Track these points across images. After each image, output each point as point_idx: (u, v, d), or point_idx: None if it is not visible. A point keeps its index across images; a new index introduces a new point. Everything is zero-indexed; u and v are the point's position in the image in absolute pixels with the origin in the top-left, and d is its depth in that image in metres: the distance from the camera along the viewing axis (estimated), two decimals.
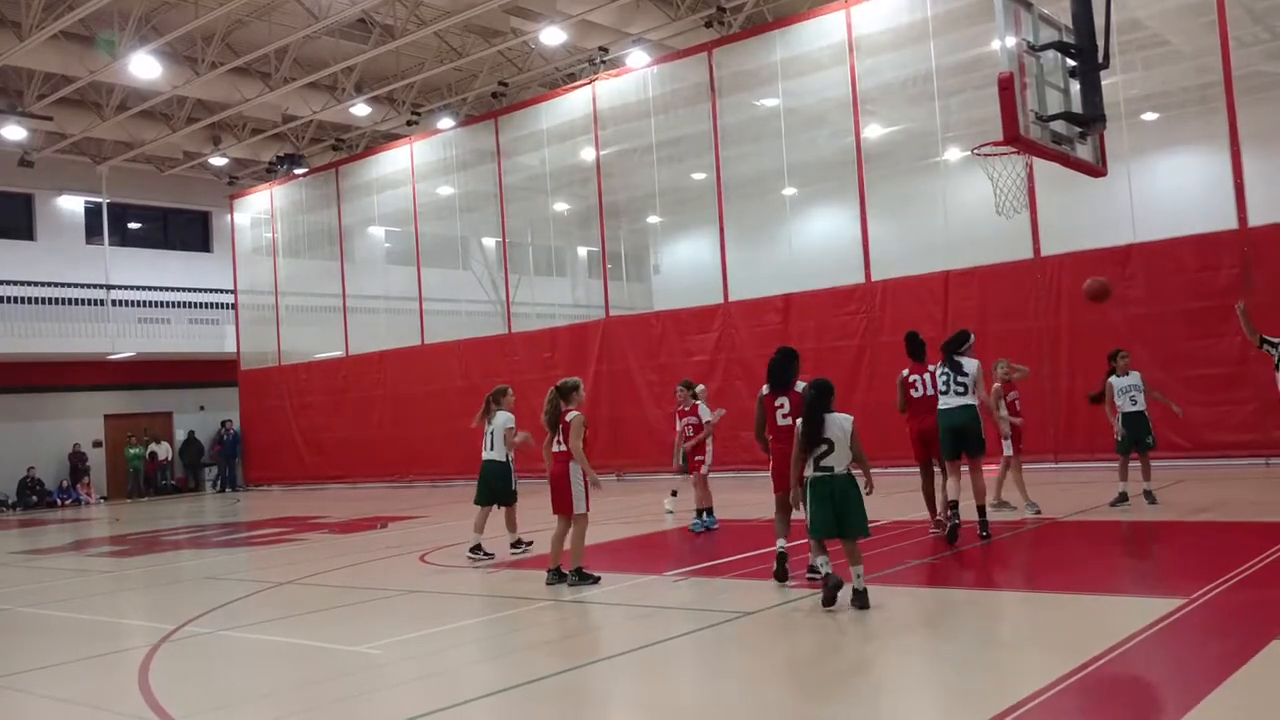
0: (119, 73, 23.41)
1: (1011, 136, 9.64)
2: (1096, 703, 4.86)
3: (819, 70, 19.93)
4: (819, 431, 7.19)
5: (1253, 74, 20.90)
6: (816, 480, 7.21)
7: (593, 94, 22.72)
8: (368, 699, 5.96)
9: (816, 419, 7.21)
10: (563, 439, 8.88)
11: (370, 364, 27.42)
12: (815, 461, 7.20)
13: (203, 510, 24.54)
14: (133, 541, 17.16)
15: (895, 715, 5.11)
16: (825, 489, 7.17)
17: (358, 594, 9.61)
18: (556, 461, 8.91)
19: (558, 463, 8.90)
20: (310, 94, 26.61)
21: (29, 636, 8.93)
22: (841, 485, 7.16)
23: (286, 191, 29.88)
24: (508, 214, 25.18)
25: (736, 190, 22.84)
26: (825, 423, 7.20)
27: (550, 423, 8.97)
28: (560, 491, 8.87)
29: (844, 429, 7.19)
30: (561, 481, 8.86)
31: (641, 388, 22.05)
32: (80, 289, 29.75)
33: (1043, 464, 16.00)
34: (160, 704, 5.94)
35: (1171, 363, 15.87)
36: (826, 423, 7.20)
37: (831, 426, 7.19)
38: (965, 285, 17.93)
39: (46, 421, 30.05)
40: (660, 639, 6.78)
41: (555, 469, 8.91)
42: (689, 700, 5.63)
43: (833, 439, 7.15)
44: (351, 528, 16.45)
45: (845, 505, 7.14)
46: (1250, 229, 15.45)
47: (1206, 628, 6.15)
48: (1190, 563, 8.39)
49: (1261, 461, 15.11)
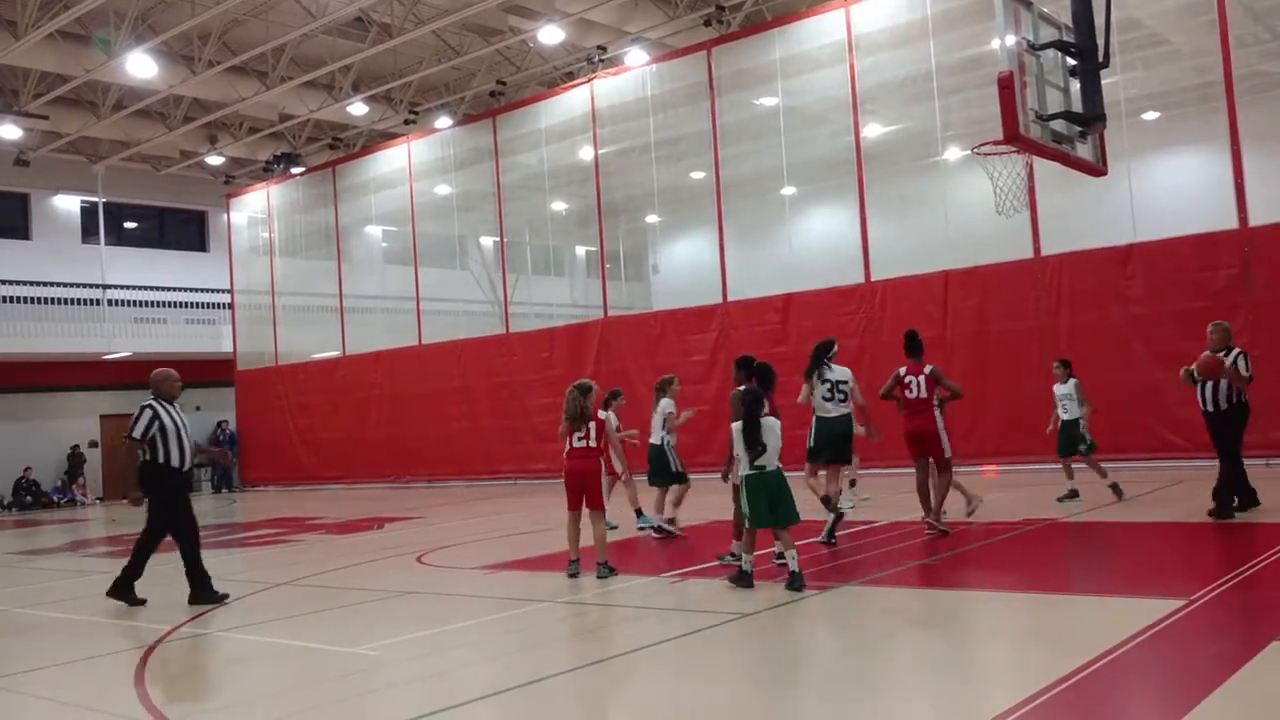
0: (115, 72, 23.36)
1: (1011, 136, 9.61)
2: (1095, 704, 4.82)
3: (818, 69, 19.91)
4: (757, 434, 7.92)
5: (1253, 73, 20.88)
6: (752, 478, 7.94)
7: (591, 93, 22.68)
8: (365, 701, 5.92)
9: (754, 423, 7.95)
10: (593, 437, 9.24)
11: (367, 364, 27.37)
12: (751, 461, 7.90)
13: (199, 511, 24.43)
14: (129, 542, 17.09)
15: (893, 716, 5.07)
16: (760, 485, 7.92)
17: (355, 595, 9.57)
18: (584, 458, 9.22)
19: (585, 459, 9.22)
20: (307, 93, 26.55)
21: (25, 637, 8.88)
22: (774, 480, 7.94)
23: (283, 191, 29.83)
24: (506, 213, 25.13)
25: (735, 190, 22.80)
26: (761, 427, 7.95)
27: (574, 419, 9.24)
28: (592, 487, 9.26)
29: (775, 433, 8.02)
30: (593, 478, 9.29)
31: (640, 388, 21.92)
32: (76, 289, 29.69)
33: (1042, 465, 15.97)
34: (156, 706, 5.89)
35: (1171, 362, 15.75)
36: (762, 427, 7.96)
37: (766, 431, 7.95)
38: (965, 285, 17.91)
39: (42, 421, 29.99)
40: (659, 640, 6.74)
41: (583, 465, 9.24)
42: (688, 701, 5.58)
43: (766, 442, 7.91)
44: (348, 528, 16.41)
45: (779, 498, 7.93)
46: (1250, 228, 15.43)
47: (1206, 629, 6.11)
48: (1189, 564, 8.36)
49: (1262, 462, 15.07)
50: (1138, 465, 15.76)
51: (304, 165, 29.61)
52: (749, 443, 7.92)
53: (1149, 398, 15.87)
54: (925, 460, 10.45)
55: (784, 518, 7.97)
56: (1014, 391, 16.94)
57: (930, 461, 10.44)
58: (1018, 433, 16.37)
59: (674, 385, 12.34)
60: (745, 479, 7.98)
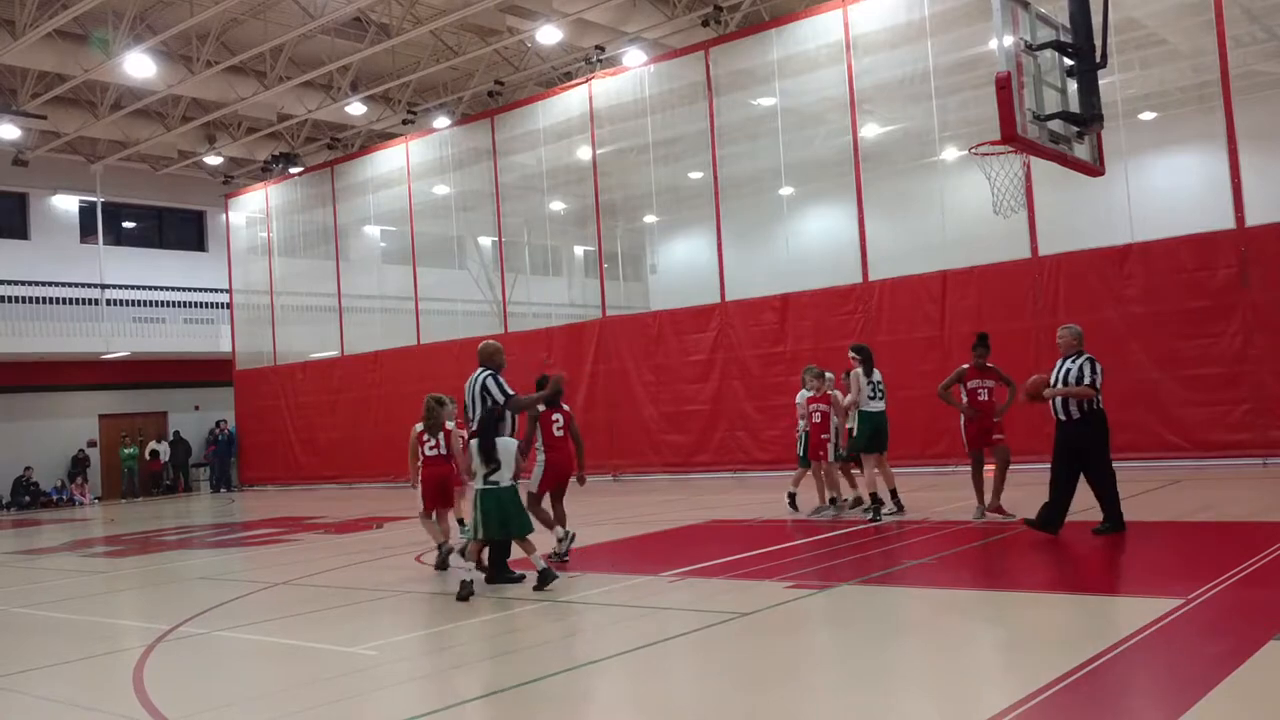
0: (113, 71, 23.37)
1: (1009, 136, 9.63)
2: (1093, 703, 4.84)
3: (816, 69, 19.90)
4: (493, 451, 8.53)
5: (1250, 73, 20.92)
6: (485, 492, 8.51)
7: (589, 93, 22.68)
8: (363, 700, 5.93)
9: (489, 442, 8.57)
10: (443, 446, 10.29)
11: (366, 364, 27.37)
12: (485, 477, 8.48)
13: (198, 510, 24.48)
14: (128, 541, 17.12)
15: (892, 714, 5.08)
16: (494, 500, 8.50)
17: (353, 594, 9.58)
18: (440, 464, 10.27)
19: (441, 465, 10.28)
20: (305, 93, 26.56)
21: (23, 637, 8.88)
22: (508, 495, 8.57)
23: (282, 191, 29.82)
24: (504, 213, 25.13)
25: (733, 190, 22.81)
26: (496, 445, 8.55)
27: (432, 429, 10.25)
28: (449, 490, 10.54)
29: (509, 450, 8.63)
30: (451, 481, 10.47)
31: (638, 388, 22.02)
32: (75, 288, 29.69)
33: (1040, 464, 15.96)
34: (155, 705, 5.90)
35: (1168, 362, 15.88)
36: (498, 446, 8.56)
37: (502, 449, 8.56)
38: (963, 285, 17.92)
39: (41, 421, 29.99)
40: (656, 640, 6.75)
41: (443, 470, 10.29)
42: (685, 701, 5.60)
43: (501, 460, 8.50)
44: (347, 528, 16.41)
45: (512, 510, 8.56)
46: (1248, 228, 15.45)
47: (1204, 628, 6.13)
48: (1187, 563, 8.37)
49: (1259, 462, 15.10)
50: (1135, 465, 15.77)
51: (302, 165, 29.61)
52: (486, 459, 8.50)
53: (1146, 397, 15.89)
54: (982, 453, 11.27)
55: (518, 529, 8.59)
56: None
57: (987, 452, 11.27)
58: (1015, 432, 16.36)
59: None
60: (479, 493, 8.54)
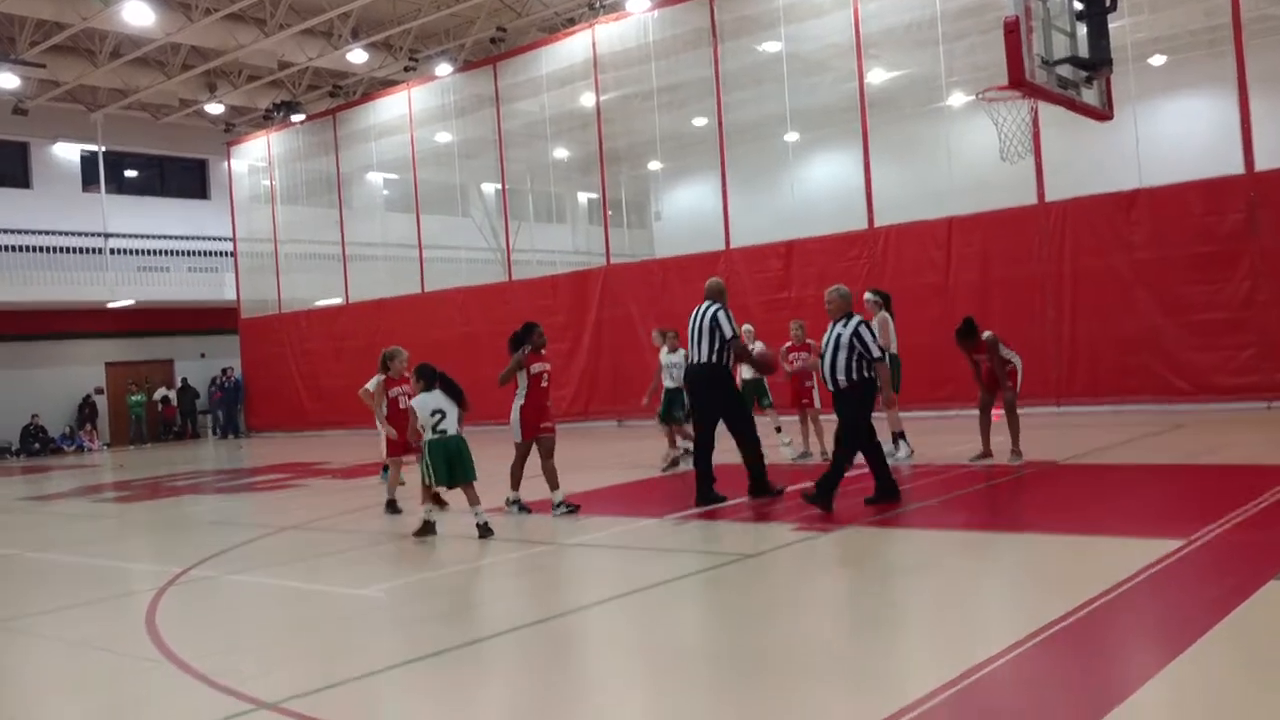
0: (112, 19, 23.16)
1: (1017, 81, 9.56)
2: (1094, 642, 4.90)
3: (822, 14, 19.67)
4: (438, 405, 8.88)
5: (1261, 17, 20.65)
6: (434, 442, 8.82)
7: (592, 39, 22.44)
8: (373, 641, 6.02)
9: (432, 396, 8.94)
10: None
11: (370, 311, 27.37)
12: (432, 427, 8.79)
13: (205, 456, 24.64)
14: (137, 487, 17.26)
15: (892, 654, 5.16)
16: (441, 449, 8.82)
17: (360, 538, 9.68)
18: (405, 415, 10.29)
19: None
20: (306, 40, 26.31)
21: (36, 580, 9.00)
22: (455, 444, 8.90)
23: (284, 139, 29.64)
24: (507, 160, 24.99)
25: (738, 136, 22.67)
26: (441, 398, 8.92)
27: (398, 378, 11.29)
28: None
29: (453, 404, 8.94)
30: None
31: (643, 335, 21.97)
32: (77, 237, 29.67)
33: (1045, 408, 16.05)
34: (168, 645, 6.00)
35: (1175, 307, 15.86)
36: (442, 398, 8.92)
37: (446, 402, 8.90)
38: (969, 231, 17.84)
39: (48, 369, 30.12)
40: (664, 580, 6.83)
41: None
42: (693, 641, 5.68)
43: (444, 409, 8.85)
44: (353, 473, 16.53)
45: (459, 460, 8.87)
46: (1257, 173, 15.34)
47: (1205, 569, 6.19)
48: (1190, 505, 8.42)
49: (1263, 405, 15.14)
50: (1140, 408, 15.84)
51: (304, 113, 29.38)
52: (431, 411, 8.84)
53: (1152, 342, 15.93)
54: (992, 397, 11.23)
55: (463, 475, 8.90)
56: (1017, 337, 16.75)
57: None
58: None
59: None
60: (428, 444, 8.85)
